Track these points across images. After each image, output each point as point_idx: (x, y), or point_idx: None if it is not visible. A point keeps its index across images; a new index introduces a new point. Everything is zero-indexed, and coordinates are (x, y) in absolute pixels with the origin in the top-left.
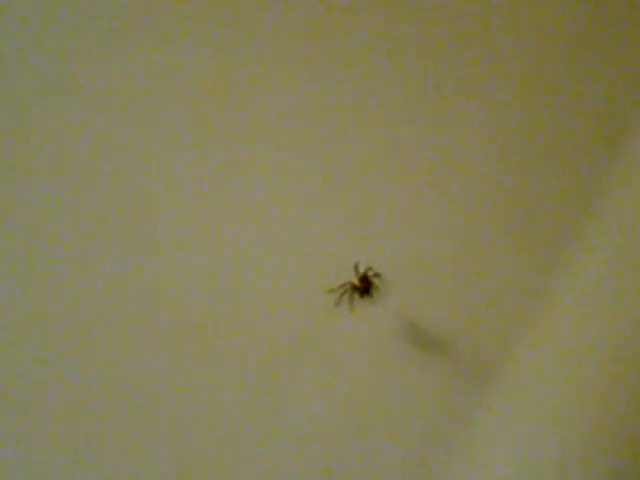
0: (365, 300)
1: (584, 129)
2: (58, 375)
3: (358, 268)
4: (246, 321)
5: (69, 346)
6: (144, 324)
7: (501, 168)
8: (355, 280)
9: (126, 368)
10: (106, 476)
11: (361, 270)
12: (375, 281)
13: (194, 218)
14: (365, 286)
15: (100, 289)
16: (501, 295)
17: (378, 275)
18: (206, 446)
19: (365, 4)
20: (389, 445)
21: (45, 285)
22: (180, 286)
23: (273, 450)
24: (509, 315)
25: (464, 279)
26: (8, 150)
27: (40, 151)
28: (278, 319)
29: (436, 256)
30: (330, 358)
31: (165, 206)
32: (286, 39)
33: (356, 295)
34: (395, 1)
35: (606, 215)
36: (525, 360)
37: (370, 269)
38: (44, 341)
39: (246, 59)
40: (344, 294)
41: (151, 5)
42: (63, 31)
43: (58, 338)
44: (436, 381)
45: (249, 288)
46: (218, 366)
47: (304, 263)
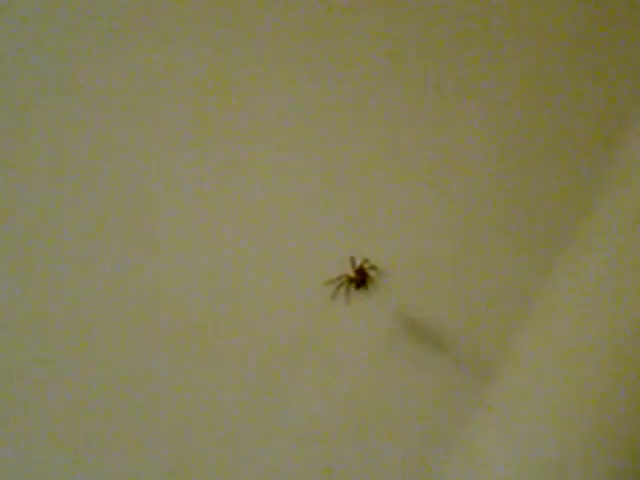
0: (361, 292)
1: (584, 129)
2: (58, 375)
3: (354, 261)
4: (245, 320)
5: (69, 346)
6: (144, 324)
7: (501, 168)
8: (351, 272)
9: (126, 368)
10: (106, 476)
11: (357, 263)
12: (371, 273)
13: (194, 217)
14: (361, 278)
15: (100, 289)
16: (501, 295)
17: (374, 268)
18: (206, 446)
19: (365, 4)
20: (389, 445)
21: (45, 285)
22: (180, 286)
23: (273, 450)
24: (509, 315)
25: (464, 278)
26: (8, 150)
27: (40, 151)
28: (277, 318)
29: (436, 255)
30: (329, 358)
31: (165, 206)
32: (286, 39)
33: (353, 288)
34: (395, 1)
35: (606, 215)
36: (525, 360)
37: (366, 261)
38: (44, 341)
39: (246, 59)
40: (340, 286)
41: (151, 5)
42: (63, 31)
43: (58, 338)
44: (436, 381)
45: (248, 287)
46: (218, 366)
47: (303, 262)
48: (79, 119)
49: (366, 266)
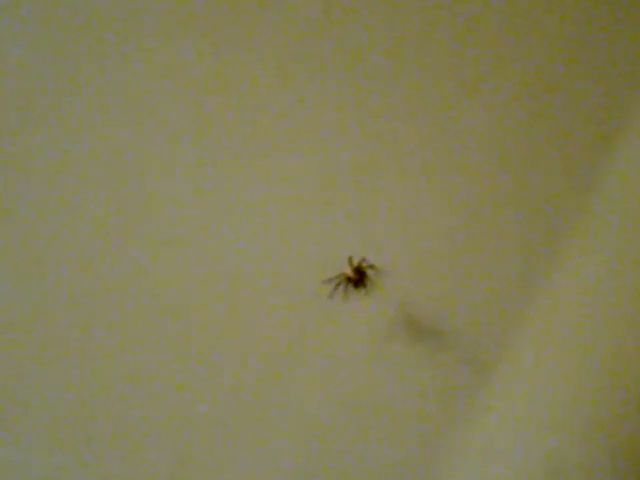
0: (360, 292)
1: (584, 129)
2: (58, 375)
3: (352, 260)
4: (243, 320)
5: (69, 346)
6: (144, 324)
7: (501, 167)
8: (349, 271)
9: (126, 368)
10: (106, 476)
11: (355, 262)
12: (369, 272)
13: (193, 217)
14: (359, 277)
15: (100, 289)
16: (501, 295)
17: (372, 267)
18: (206, 446)
19: (365, 4)
20: (389, 445)
21: (45, 285)
22: (179, 286)
23: (273, 450)
24: (509, 315)
25: (462, 278)
26: (8, 150)
27: (40, 151)
28: (275, 318)
29: (434, 255)
30: (328, 358)
31: (165, 206)
32: (286, 39)
33: (351, 287)
34: (395, 1)
35: (606, 215)
36: (525, 360)
37: (364, 260)
38: (44, 341)
39: (246, 59)
40: (338, 285)
41: (151, 5)
42: (63, 31)
43: (58, 338)
44: (436, 381)
45: (247, 286)
46: (217, 366)
47: (301, 261)
48: (79, 119)
49: (364, 265)
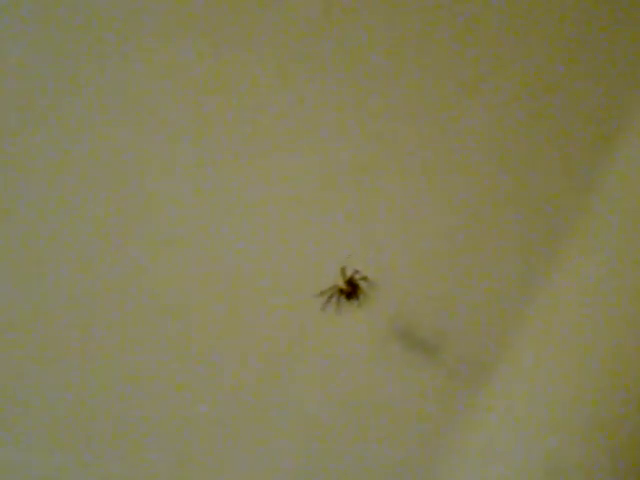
0: (352, 304)
1: (584, 129)
2: (58, 375)
3: (345, 271)
4: (245, 320)
5: (69, 346)
6: (144, 324)
7: (501, 168)
8: (341, 283)
9: (126, 368)
10: (106, 476)
11: (348, 273)
12: (362, 284)
13: (193, 218)
14: (351, 289)
15: (100, 289)
16: (501, 295)
17: (365, 279)
18: (206, 446)
19: (365, 4)
20: (389, 445)
21: (45, 285)
22: (180, 286)
23: (273, 450)
24: (509, 315)
25: (463, 278)
26: (8, 150)
27: (40, 151)
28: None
29: (435, 254)
30: (329, 359)
31: (165, 206)
32: (286, 39)
33: (343, 299)
34: (395, 1)
35: (606, 215)
36: (525, 360)
37: (357, 272)
38: (44, 341)
39: (246, 59)
40: (331, 298)
41: (151, 5)
42: (63, 31)
43: (58, 338)
44: (435, 381)
45: (248, 286)
46: (217, 366)
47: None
48: (79, 119)
49: (357, 277)
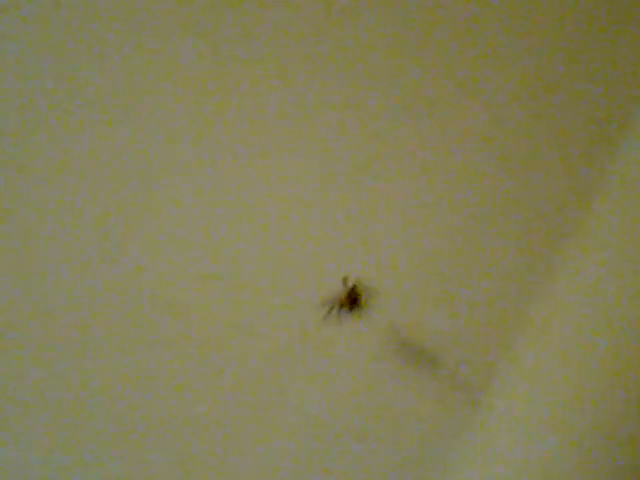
0: (354, 314)
1: (584, 129)
2: (58, 375)
3: (347, 282)
4: (245, 320)
5: (69, 346)
6: (144, 324)
7: (501, 168)
8: (343, 294)
9: (126, 368)
10: (106, 476)
11: (350, 284)
12: (363, 295)
13: (193, 218)
14: (353, 300)
15: (100, 289)
16: (501, 295)
17: (366, 289)
18: (206, 446)
19: (365, 4)
20: (389, 445)
21: (45, 285)
22: (180, 286)
23: (273, 450)
24: (509, 315)
25: (464, 277)
26: (8, 150)
27: (40, 151)
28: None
29: (435, 254)
30: (329, 358)
31: (165, 206)
32: (286, 39)
33: (345, 310)
34: (395, 1)
35: (606, 215)
36: (525, 360)
37: (359, 283)
38: (44, 341)
39: (246, 59)
40: (332, 309)
41: (151, 5)
42: (63, 31)
43: (58, 338)
44: (436, 381)
45: (248, 286)
46: (218, 366)
47: (303, 261)
48: (79, 119)
49: (358, 288)
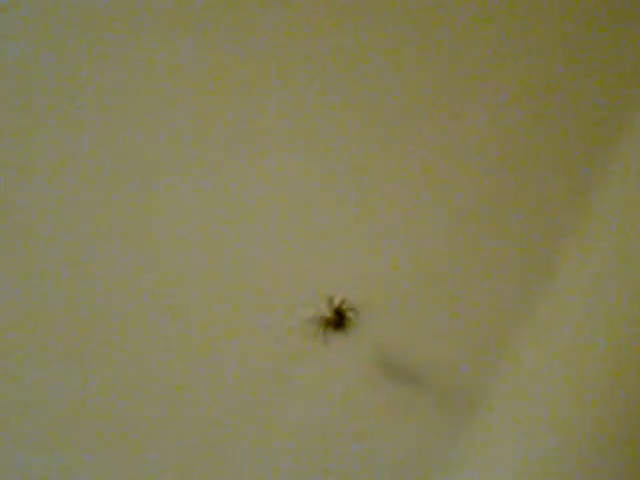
0: (339, 334)
1: (584, 129)
2: (58, 375)
3: (333, 301)
4: (245, 320)
5: (69, 346)
6: (144, 324)
7: (501, 168)
8: (329, 313)
9: (126, 368)
10: (106, 476)
11: (336, 302)
12: (350, 314)
13: (193, 218)
14: (339, 319)
15: (100, 290)
16: (501, 295)
17: (353, 309)
18: (206, 446)
19: (365, 4)
20: (389, 445)
21: (45, 285)
22: (180, 286)
23: (273, 450)
24: (509, 315)
25: (464, 277)
26: (8, 150)
27: (40, 151)
28: (277, 318)
29: (435, 253)
30: (330, 358)
31: (165, 206)
32: (286, 39)
33: (330, 329)
34: (395, 1)
35: (606, 215)
36: (525, 360)
37: (345, 302)
38: (44, 341)
39: (246, 59)
40: (318, 328)
41: (151, 5)
42: (63, 31)
43: (58, 338)
44: (436, 380)
45: (248, 286)
46: (218, 366)
47: (303, 261)
48: (79, 119)
49: (344, 307)
